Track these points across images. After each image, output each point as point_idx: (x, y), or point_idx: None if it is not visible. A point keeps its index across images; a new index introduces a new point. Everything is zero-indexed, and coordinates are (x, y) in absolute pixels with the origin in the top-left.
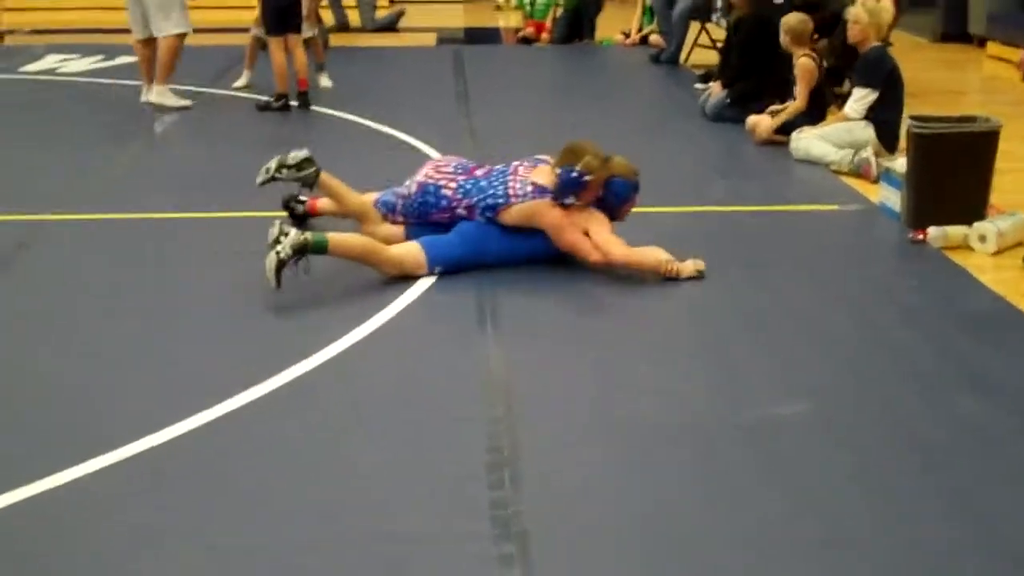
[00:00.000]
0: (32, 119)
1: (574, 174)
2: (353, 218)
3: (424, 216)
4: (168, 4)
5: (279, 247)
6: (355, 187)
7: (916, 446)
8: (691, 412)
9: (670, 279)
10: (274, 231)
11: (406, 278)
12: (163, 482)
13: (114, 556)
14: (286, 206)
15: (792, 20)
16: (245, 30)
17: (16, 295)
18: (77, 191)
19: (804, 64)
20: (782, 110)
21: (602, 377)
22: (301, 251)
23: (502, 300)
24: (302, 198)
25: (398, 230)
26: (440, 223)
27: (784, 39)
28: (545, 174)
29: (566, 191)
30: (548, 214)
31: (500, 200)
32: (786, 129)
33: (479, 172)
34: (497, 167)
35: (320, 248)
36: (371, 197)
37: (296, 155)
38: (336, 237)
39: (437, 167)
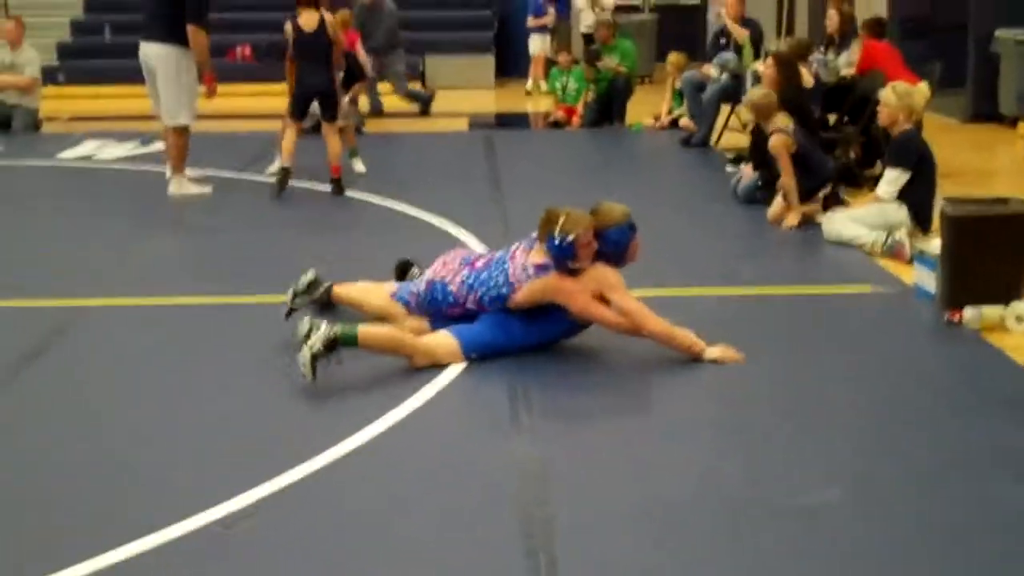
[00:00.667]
0: (68, 205)
1: (556, 241)
2: (378, 319)
3: (437, 313)
4: (177, 95)
5: (310, 342)
6: (387, 273)
7: (957, 534)
8: (726, 496)
9: (696, 360)
10: (304, 326)
11: (429, 371)
12: (198, 569)
13: None
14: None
15: (755, 96)
16: (278, 116)
17: (54, 380)
18: (113, 277)
19: (774, 143)
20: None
21: (636, 459)
22: (331, 346)
23: (533, 384)
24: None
25: (425, 323)
26: (454, 317)
27: (750, 116)
28: (539, 254)
29: (562, 261)
30: (560, 289)
31: (503, 289)
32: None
33: (479, 263)
34: (497, 254)
35: (350, 341)
36: (390, 288)
37: (303, 280)
38: (365, 330)
39: (445, 262)
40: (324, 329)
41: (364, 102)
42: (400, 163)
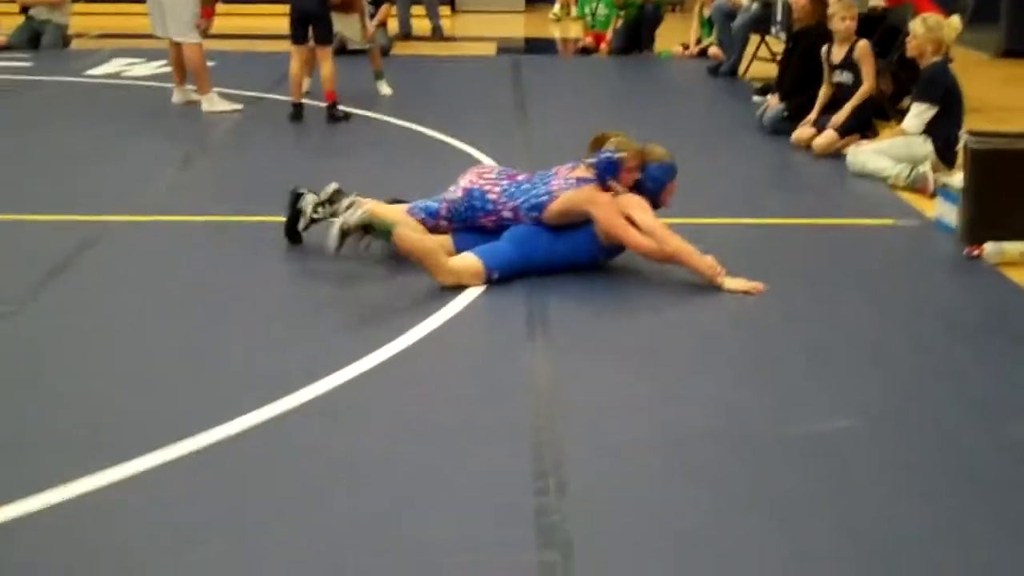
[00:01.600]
0: (94, 122)
1: (606, 155)
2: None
3: (471, 220)
4: (180, 10)
5: (346, 215)
6: (408, 194)
7: (966, 468)
8: (739, 424)
9: (715, 288)
10: (346, 200)
11: (448, 291)
12: (205, 484)
13: (154, 556)
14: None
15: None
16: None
17: (78, 293)
18: (137, 194)
19: (864, 45)
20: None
21: (650, 386)
22: (366, 229)
23: (551, 308)
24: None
25: (443, 238)
26: (486, 228)
27: (837, 24)
28: (586, 169)
29: (604, 175)
30: (593, 199)
31: (544, 197)
32: (842, 133)
33: (521, 176)
34: (539, 172)
35: (385, 233)
36: (402, 209)
37: (327, 190)
38: (403, 230)
39: (481, 173)
40: (363, 211)
41: (393, 24)
42: (426, 87)
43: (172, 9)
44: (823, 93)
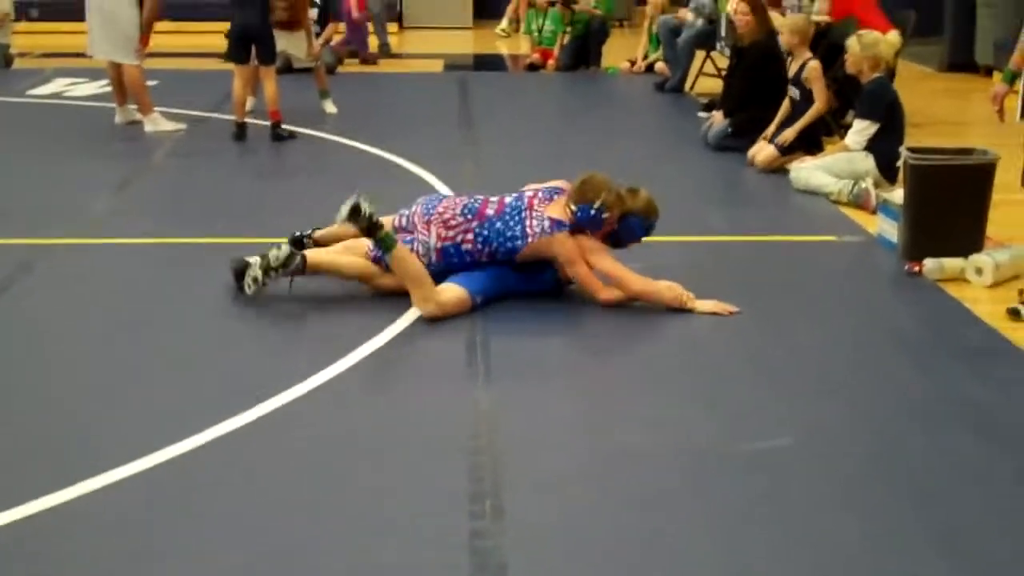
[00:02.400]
0: (36, 143)
1: (593, 212)
2: (360, 280)
3: (447, 270)
4: (118, 32)
5: (366, 205)
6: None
7: (909, 481)
8: (682, 443)
9: (658, 309)
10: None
11: (400, 302)
12: (141, 510)
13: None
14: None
15: (798, 21)
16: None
17: (15, 317)
18: (78, 215)
19: (814, 66)
20: (778, 134)
21: (591, 409)
22: (375, 227)
23: (492, 332)
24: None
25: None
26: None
27: (791, 40)
28: (560, 208)
29: (583, 227)
30: (564, 246)
31: (519, 242)
32: (788, 148)
33: (490, 211)
34: (508, 200)
35: (388, 244)
36: (365, 245)
37: (277, 254)
38: (401, 250)
39: (446, 223)
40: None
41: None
42: (372, 105)
43: (111, 31)
44: (783, 108)
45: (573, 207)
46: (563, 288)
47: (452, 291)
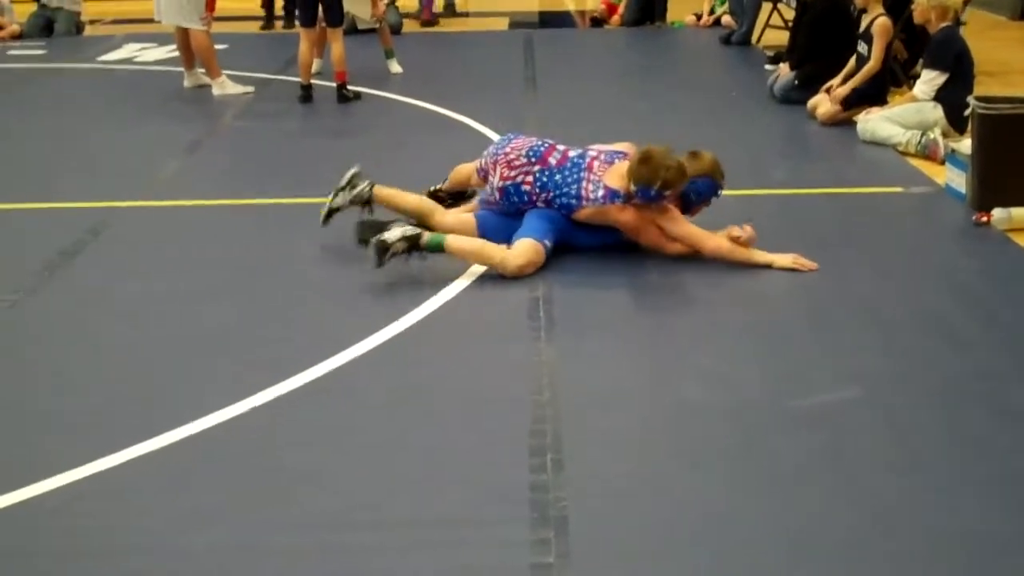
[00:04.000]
0: (107, 107)
1: (653, 193)
2: (415, 218)
3: (512, 211)
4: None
5: (389, 235)
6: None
7: (970, 438)
8: (740, 398)
9: (718, 262)
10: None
11: (457, 268)
12: (218, 461)
13: (170, 534)
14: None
15: None
16: None
17: (89, 278)
18: (149, 179)
19: (882, 22)
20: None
21: (652, 363)
22: (414, 246)
23: (555, 287)
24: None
25: (467, 217)
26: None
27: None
28: (619, 176)
29: (648, 203)
30: (620, 217)
31: (573, 202)
32: (849, 103)
33: (552, 160)
34: (572, 154)
35: (435, 247)
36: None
37: (347, 175)
38: (452, 240)
39: (510, 163)
40: (409, 228)
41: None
42: (436, 65)
43: None
44: (850, 62)
45: (633, 187)
46: (627, 243)
47: (524, 245)
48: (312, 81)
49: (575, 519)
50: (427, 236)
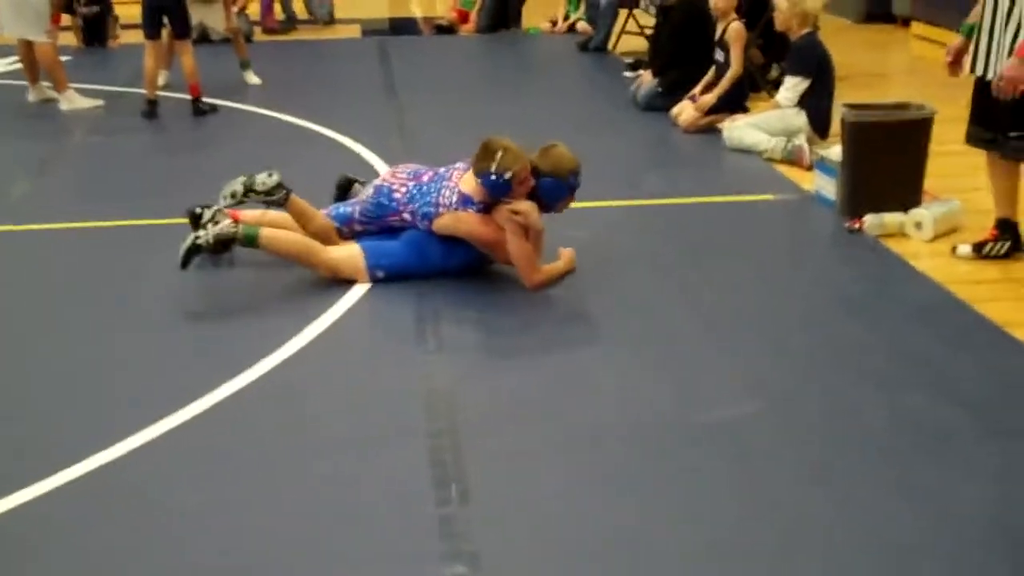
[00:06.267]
0: None
1: (493, 177)
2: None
3: (380, 219)
4: (29, 9)
5: (202, 232)
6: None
7: (868, 444)
8: (645, 414)
9: (604, 274)
10: (207, 213)
11: (344, 282)
12: (104, 506)
13: None
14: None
15: None
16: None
17: None
18: None
19: (736, 27)
20: (704, 93)
21: (548, 382)
22: (226, 244)
23: (441, 308)
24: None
25: (352, 247)
26: (393, 228)
27: (716, 4)
28: (472, 183)
29: (496, 196)
30: (466, 224)
31: (431, 209)
32: (711, 110)
33: (425, 177)
34: (441, 170)
35: (250, 241)
36: (321, 212)
37: (265, 181)
38: (268, 232)
39: (394, 172)
40: (224, 224)
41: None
42: (293, 74)
43: (22, 8)
44: (711, 69)
45: (478, 178)
46: (486, 265)
47: (349, 252)
48: (158, 95)
49: (488, 552)
50: (241, 231)
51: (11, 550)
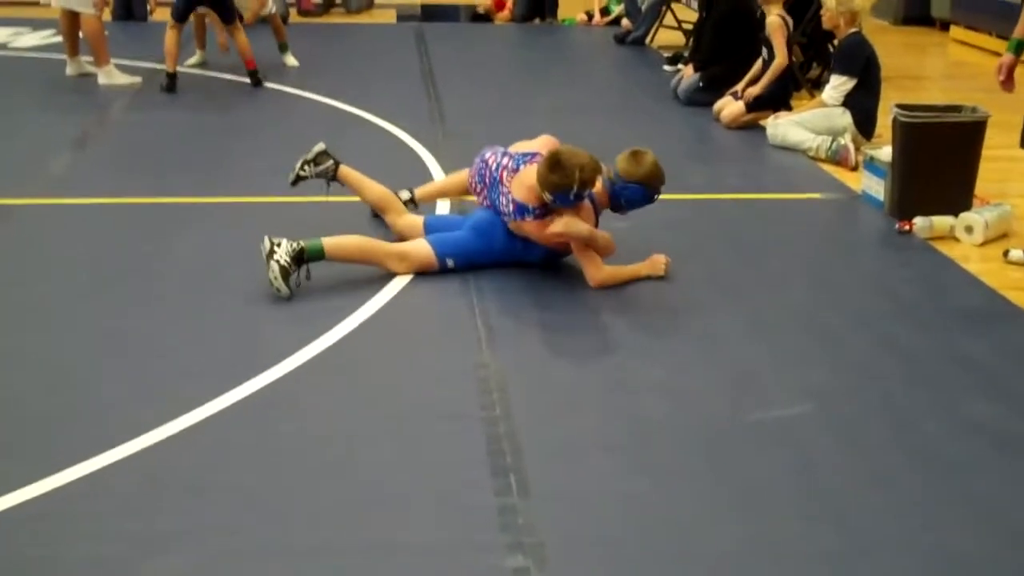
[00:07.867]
0: None
1: (574, 196)
2: (375, 208)
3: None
4: None
5: (277, 255)
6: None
7: (923, 451)
8: (698, 412)
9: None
10: (265, 245)
11: (380, 280)
12: (158, 486)
13: (113, 564)
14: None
15: None
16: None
17: None
18: (34, 175)
19: (773, 21)
20: (746, 88)
21: (599, 376)
22: (298, 259)
23: (492, 296)
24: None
25: (417, 219)
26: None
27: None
28: (525, 187)
29: (564, 207)
30: (536, 231)
31: (502, 217)
32: (753, 106)
33: (487, 177)
34: (493, 166)
35: (316, 254)
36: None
37: (314, 149)
38: (331, 241)
39: (474, 189)
40: (286, 244)
41: None
42: (331, 58)
43: None
44: (756, 64)
45: (549, 196)
46: (558, 260)
47: (418, 247)
48: (178, 70)
49: (551, 545)
50: (306, 245)
51: (69, 522)
